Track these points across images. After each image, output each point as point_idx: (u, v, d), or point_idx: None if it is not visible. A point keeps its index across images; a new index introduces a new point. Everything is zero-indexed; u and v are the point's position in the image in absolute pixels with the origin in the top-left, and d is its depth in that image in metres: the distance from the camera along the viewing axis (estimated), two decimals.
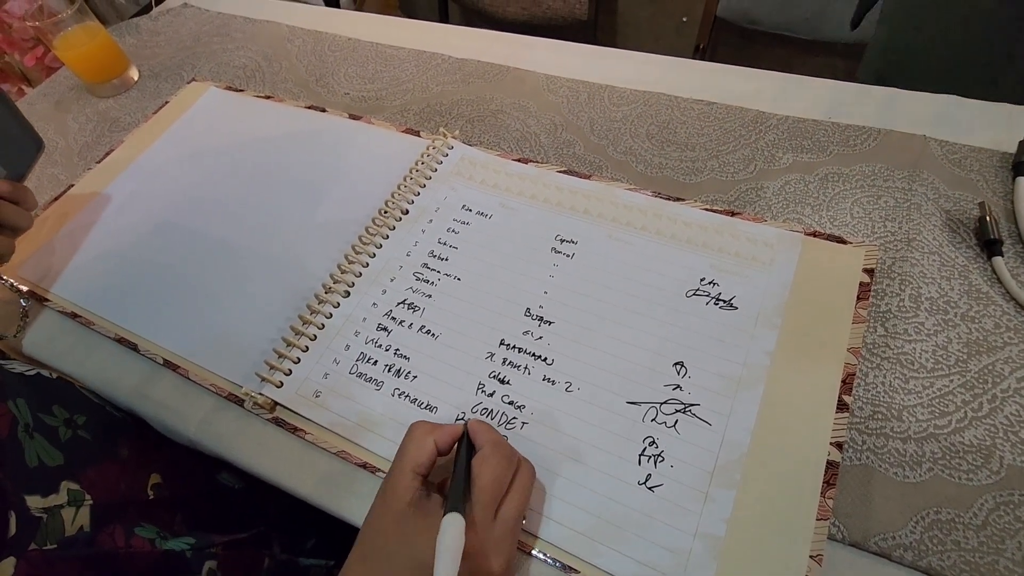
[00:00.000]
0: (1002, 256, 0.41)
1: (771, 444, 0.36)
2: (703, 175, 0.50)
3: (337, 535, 0.55)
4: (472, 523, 0.29)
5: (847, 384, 0.37)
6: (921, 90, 0.51)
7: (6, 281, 0.53)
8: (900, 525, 0.33)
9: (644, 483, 0.35)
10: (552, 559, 0.34)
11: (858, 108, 0.52)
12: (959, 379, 0.37)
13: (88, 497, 0.34)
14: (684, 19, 1.36)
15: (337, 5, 1.26)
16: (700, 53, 1.21)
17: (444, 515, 0.28)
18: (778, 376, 0.38)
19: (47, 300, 0.51)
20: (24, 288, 0.52)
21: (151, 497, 0.40)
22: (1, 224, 0.46)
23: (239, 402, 0.43)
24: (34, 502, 0.32)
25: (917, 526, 0.32)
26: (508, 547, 0.30)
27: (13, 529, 0.30)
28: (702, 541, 0.33)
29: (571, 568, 0.34)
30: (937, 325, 0.39)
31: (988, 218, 0.42)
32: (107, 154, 0.63)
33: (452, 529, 0.27)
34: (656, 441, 0.37)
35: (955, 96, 0.50)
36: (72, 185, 0.61)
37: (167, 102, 0.68)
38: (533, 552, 0.34)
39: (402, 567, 0.29)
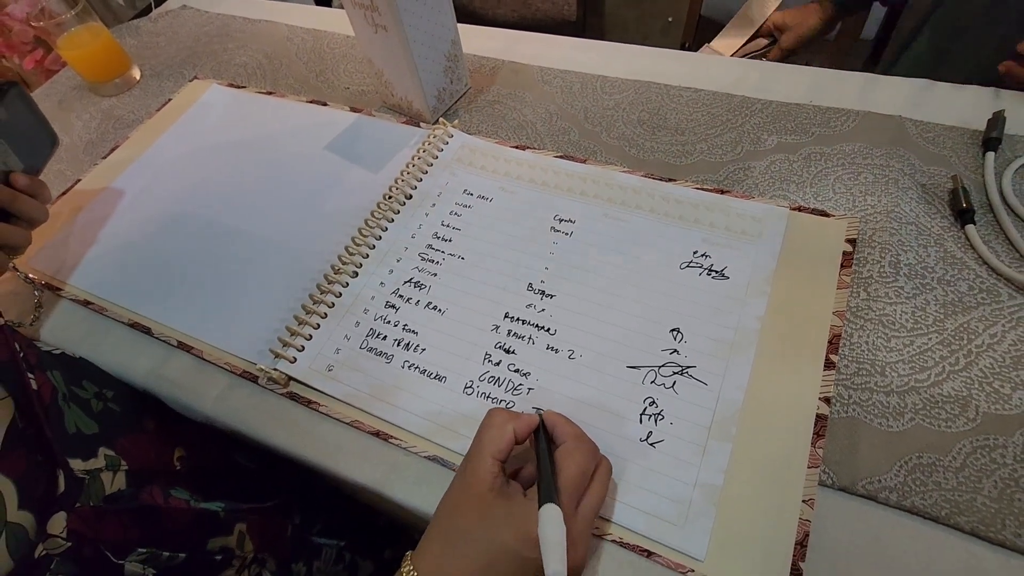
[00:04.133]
0: (974, 224, 0.43)
1: (764, 400, 0.38)
2: (693, 157, 0.52)
3: (344, 518, 0.56)
4: None
5: (833, 344, 0.39)
6: None
7: (20, 273, 0.54)
8: (885, 470, 0.35)
9: (646, 440, 0.38)
10: None
11: (837, 92, 0.54)
12: (937, 337, 0.39)
13: (124, 463, 0.36)
14: (670, 19, 1.39)
15: (329, 4, 1.28)
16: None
17: (540, 506, 0.29)
18: (769, 339, 0.40)
19: (61, 289, 0.53)
20: (37, 279, 0.54)
21: (178, 468, 0.41)
22: (19, 216, 0.47)
23: (253, 379, 0.45)
24: (76, 465, 0.33)
25: (901, 470, 0.35)
26: (587, 539, 0.31)
27: (62, 487, 0.31)
28: (702, 490, 0.35)
29: None
30: (915, 288, 0.42)
31: (960, 190, 0.45)
32: (112, 150, 0.65)
33: (553, 521, 0.28)
34: (656, 401, 0.39)
35: (927, 79, 0.53)
36: (79, 180, 0.62)
37: (170, 99, 0.69)
38: None
39: (482, 549, 0.30)
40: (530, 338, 0.43)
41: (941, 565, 0.32)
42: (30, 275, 0.54)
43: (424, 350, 0.44)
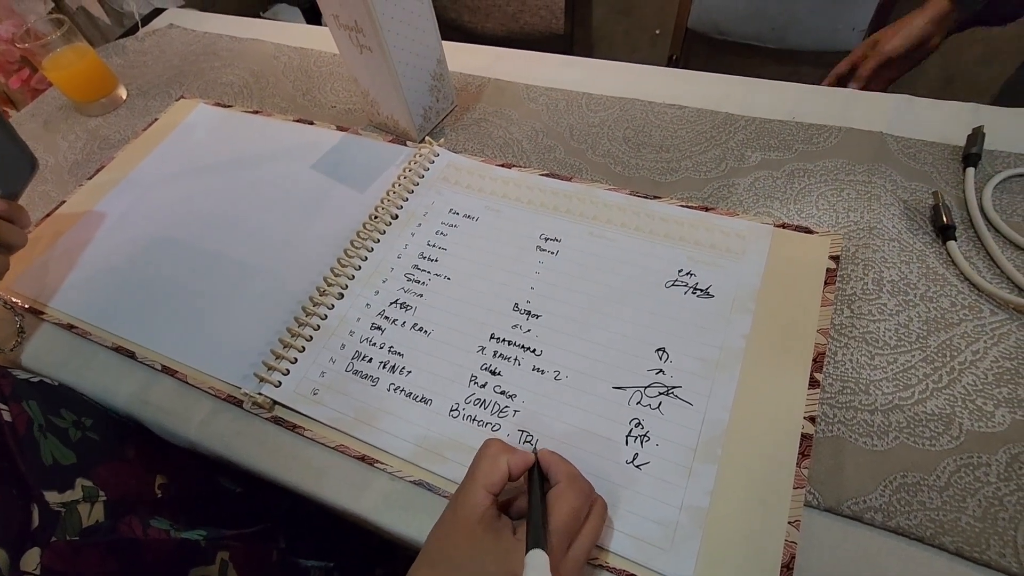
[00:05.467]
0: (955, 240, 0.44)
1: (749, 420, 0.38)
2: (678, 174, 0.53)
3: (334, 538, 0.56)
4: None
5: (818, 362, 0.39)
6: None
7: (0, 298, 0.53)
8: (870, 490, 0.35)
9: (632, 462, 0.37)
10: None
11: (819, 108, 0.55)
12: (920, 354, 0.39)
13: (102, 494, 0.35)
14: (657, 31, 1.41)
15: (319, 23, 1.29)
16: (673, 64, 1.25)
17: (528, 550, 0.28)
18: (753, 357, 0.40)
19: (43, 313, 0.52)
20: (19, 303, 0.53)
21: (159, 496, 0.41)
22: None
23: (238, 403, 0.44)
24: (52, 497, 0.32)
25: (886, 490, 0.35)
26: None
27: (36, 521, 0.31)
28: (688, 513, 0.35)
29: None
30: (898, 305, 0.42)
31: (941, 206, 0.45)
32: (98, 171, 0.64)
33: (539, 568, 0.27)
34: (642, 422, 0.39)
35: (907, 95, 0.54)
36: (64, 202, 0.62)
37: (156, 119, 0.69)
38: None
39: None
40: (516, 359, 0.43)
41: None
42: (12, 299, 0.53)
43: (410, 372, 0.43)
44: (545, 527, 0.30)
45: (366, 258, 0.50)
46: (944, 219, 0.44)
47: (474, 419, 0.41)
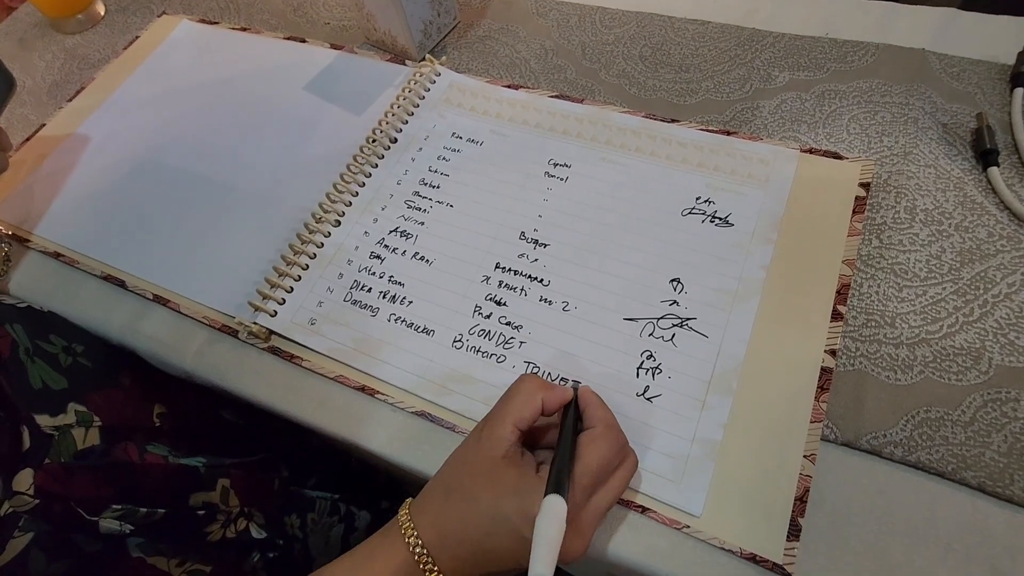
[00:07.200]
0: (998, 166, 0.41)
1: (767, 353, 0.36)
2: (698, 96, 0.49)
3: (337, 470, 0.55)
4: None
5: (842, 294, 0.37)
6: None
7: None
8: (891, 424, 0.33)
9: (643, 394, 0.36)
10: None
11: (856, 23, 0.50)
12: (951, 286, 0.37)
13: (96, 419, 0.34)
14: None
15: None
16: None
17: (546, 493, 0.26)
18: (774, 288, 0.38)
19: (29, 241, 0.50)
20: (3, 230, 0.51)
21: (158, 425, 0.40)
22: None
23: (233, 333, 0.43)
24: (44, 421, 0.31)
25: (907, 424, 0.33)
26: (590, 534, 0.29)
27: (27, 443, 0.30)
28: (700, 445, 0.34)
29: None
30: (931, 235, 0.39)
31: (985, 128, 0.41)
32: (78, 92, 0.61)
33: (554, 515, 0.25)
34: (654, 355, 0.37)
35: (953, 8, 0.49)
36: (44, 124, 0.58)
37: (137, 37, 0.64)
38: None
39: (482, 515, 0.28)
40: (522, 289, 0.41)
41: (945, 521, 0.31)
42: None
43: (411, 303, 0.42)
44: (570, 471, 0.28)
45: (364, 184, 0.47)
46: (987, 143, 0.41)
47: (479, 350, 0.39)
